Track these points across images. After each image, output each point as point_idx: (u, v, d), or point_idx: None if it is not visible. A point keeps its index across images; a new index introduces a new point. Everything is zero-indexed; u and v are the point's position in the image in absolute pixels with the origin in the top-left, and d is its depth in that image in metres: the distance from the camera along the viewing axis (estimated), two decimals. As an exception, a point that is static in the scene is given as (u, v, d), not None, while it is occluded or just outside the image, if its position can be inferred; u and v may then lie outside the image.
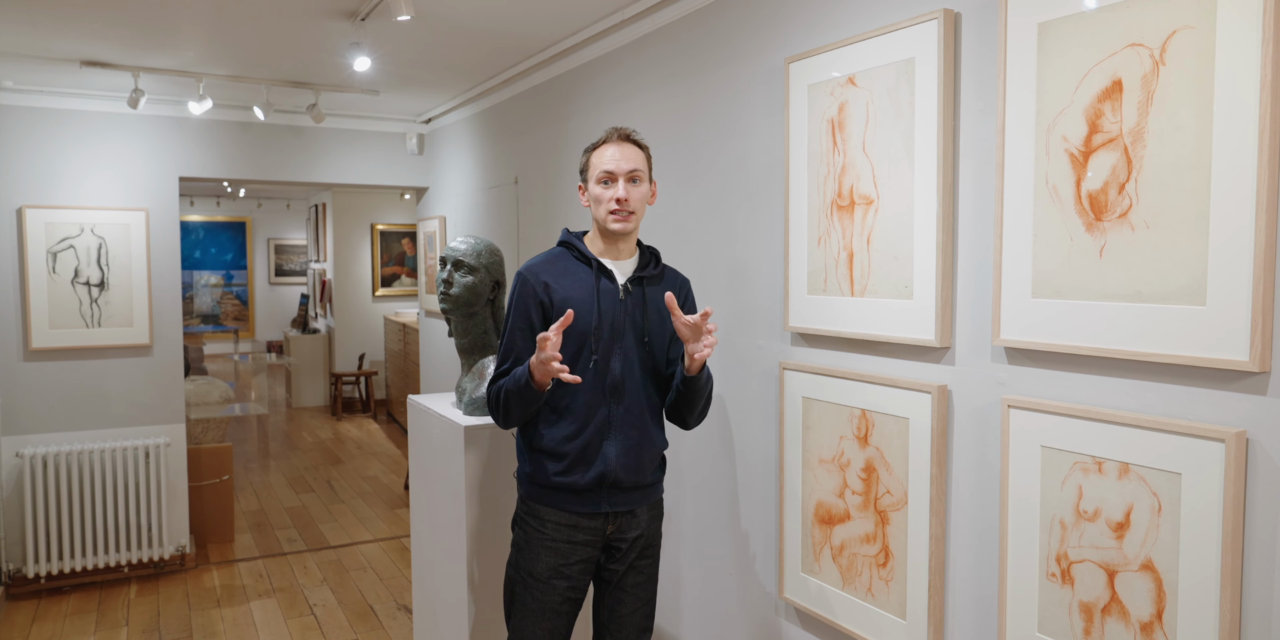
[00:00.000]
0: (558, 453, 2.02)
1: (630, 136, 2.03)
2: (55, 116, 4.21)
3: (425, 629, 2.89)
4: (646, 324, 2.07)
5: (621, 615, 2.14)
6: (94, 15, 3.00)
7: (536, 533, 2.06)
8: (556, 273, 2.04)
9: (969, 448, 1.77)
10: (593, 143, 2.06)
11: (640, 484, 2.08)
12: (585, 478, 2.00)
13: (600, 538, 2.07)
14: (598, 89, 3.20)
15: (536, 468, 2.05)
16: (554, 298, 2.00)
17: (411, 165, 5.17)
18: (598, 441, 2.01)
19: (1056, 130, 1.53)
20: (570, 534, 2.04)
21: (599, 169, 2.00)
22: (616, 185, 1.99)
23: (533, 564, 2.06)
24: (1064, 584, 1.56)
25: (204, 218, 12.82)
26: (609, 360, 2.01)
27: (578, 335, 1.99)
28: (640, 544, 2.12)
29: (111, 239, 4.32)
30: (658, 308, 2.09)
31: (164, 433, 4.49)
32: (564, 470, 2.01)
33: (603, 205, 2.00)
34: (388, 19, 2.90)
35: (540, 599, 2.05)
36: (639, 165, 2.01)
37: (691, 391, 2.03)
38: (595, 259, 2.04)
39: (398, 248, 9.76)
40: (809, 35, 2.15)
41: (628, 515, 2.08)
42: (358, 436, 8.09)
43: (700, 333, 1.91)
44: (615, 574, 2.12)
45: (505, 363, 2.05)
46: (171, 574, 4.49)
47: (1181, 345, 1.37)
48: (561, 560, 2.04)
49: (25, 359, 4.21)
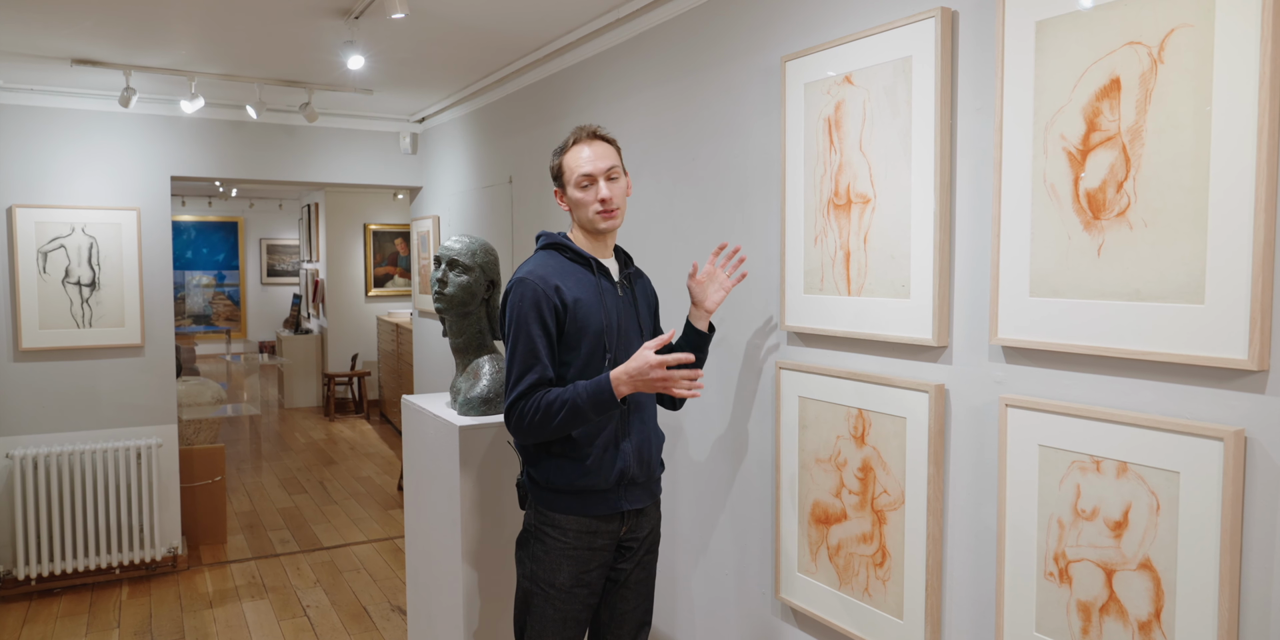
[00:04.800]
0: (580, 455, 1.99)
1: (598, 133, 2.03)
2: (46, 115, 4.18)
3: (420, 630, 2.88)
4: (640, 318, 2.12)
5: (624, 612, 2.13)
6: (85, 13, 2.98)
7: (557, 542, 2.02)
8: (561, 275, 2.00)
9: (966, 447, 1.77)
10: (560, 145, 2.05)
11: (651, 478, 2.11)
12: (609, 478, 2.00)
13: (615, 540, 2.07)
14: (593, 88, 3.19)
15: (555, 473, 2.00)
16: (567, 301, 1.96)
17: (405, 165, 5.15)
18: (615, 441, 2.01)
19: (1054, 129, 1.53)
20: (590, 541, 2.03)
21: (577, 173, 1.99)
22: (597, 186, 1.98)
23: (554, 575, 2.02)
24: (1062, 583, 1.55)
25: (196, 218, 12.76)
26: (619, 359, 2.01)
27: (593, 335, 1.98)
28: (649, 542, 2.14)
29: (103, 239, 4.30)
30: (645, 301, 2.18)
31: (156, 433, 4.47)
32: (587, 471, 1.99)
33: (588, 208, 2.00)
34: (381, 17, 2.88)
35: (562, 609, 2.03)
36: (614, 161, 2.01)
37: (701, 352, 2.18)
38: (594, 259, 2.04)
39: (390, 248, 9.73)
40: (805, 34, 2.15)
41: (640, 514, 2.10)
42: (351, 437, 8.07)
43: (714, 275, 2.16)
44: (624, 573, 2.11)
45: (530, 374, 1.93)
46: (163, 575, 4.47)
47: (1180, 344, 1.37)
48: (582, 568, 2.03)
49: (15, 359, 4.18)
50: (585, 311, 1.98)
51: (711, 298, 2.15)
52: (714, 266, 2.17)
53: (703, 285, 2.16)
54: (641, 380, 1.84)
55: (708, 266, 2.17)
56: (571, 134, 2.03)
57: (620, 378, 1.86)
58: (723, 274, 2.17)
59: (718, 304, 2.16)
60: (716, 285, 2.16)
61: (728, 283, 2.17)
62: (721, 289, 2.16)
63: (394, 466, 6.85)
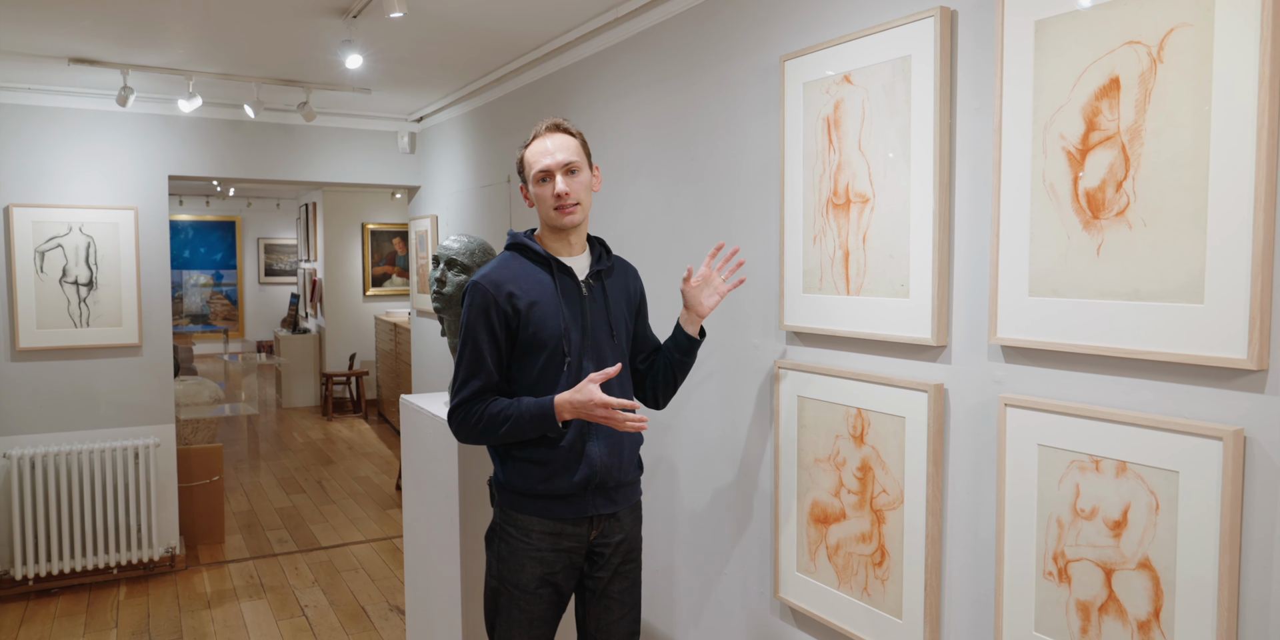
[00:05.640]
0: (540, 460, 1.95)
1: (560, 125, 1.99)
2: (43, 114, 4.18)
3: (418, 630, 2.87)
4: (611, 318, 2.04)
5: (609, 623, 2.08)
6: (83, 12, 2.97)
7: (520, 543, 1.99)
8: (516, 279, 1.95)
9: (965, 446, 1.77)
10: (525, 139, 2.01)
11: (623, 482, 2.05)
12: (572, 483, 1.95)
13: (584, 543, 2.02)
14: (591, 88, 3.19)
15: (517, 476, 1.98)
16: (519, 306, 1.92)
17: (403, 164, 5.15)
18: (581, 444, 1.96)
19: (1054, 128, 1.53)
20: (555, 542, 1.98)
21: (535, 168, 1.95)
22: (555, 181, 1.94)
23: (518, 575, 1.99)
24: (1061, 583, 1.55)
25: (193, 217, 12.75)
26: (583, 361, 1.97)
27: (551, 340, 1.94)
28: (624, 549, 2.08)
29: (100, 238, 4.29)
30: (618, 299, 2.08)
31: (153, 433, 4.46)
32: (548, 476, 1.95)
33: (546, 203, 1.96)
34: (380, 16, 2.88)
35: (527, 609, 2.00)
36: (573, 156, 1.95)
37: (689, 356, 2.11)
38: (553, 258, 1.99)
39: (388, 247, 9.72)
40: (804, 33, 2.14)
41: (611, 519, 2.04)
42: (349, 437, 8.06)
43: (710, 279, 2.07)
44: (600, 582, 2.06)
45: (474, 380, 1.94)
46: (161, 575, 4.46)
47: (1179, 343, 1.37)
48: (547, 569, 1.99)
49: (13, 359, 4.17)
50: (541, 316, 1.93)
51: (705, 303, 2.06)
52: (710, 270, 2.07)
53: (697, 290, 2.06)
54: (584, 413, 1.85)
55: (703, 270, 2.07)
56: (534, 127, 1.99)
57: (563, 405, 1.86)
58: (718, 278, 2.08)
59: (711, 309, 2.07)
60: (711, 290, 2.06)
61: (723, 287, 2.07)
62: (716, 294, 2.06)
63: (392, 466, 6.85)
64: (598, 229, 3.11)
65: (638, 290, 2.18)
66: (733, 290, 2.15)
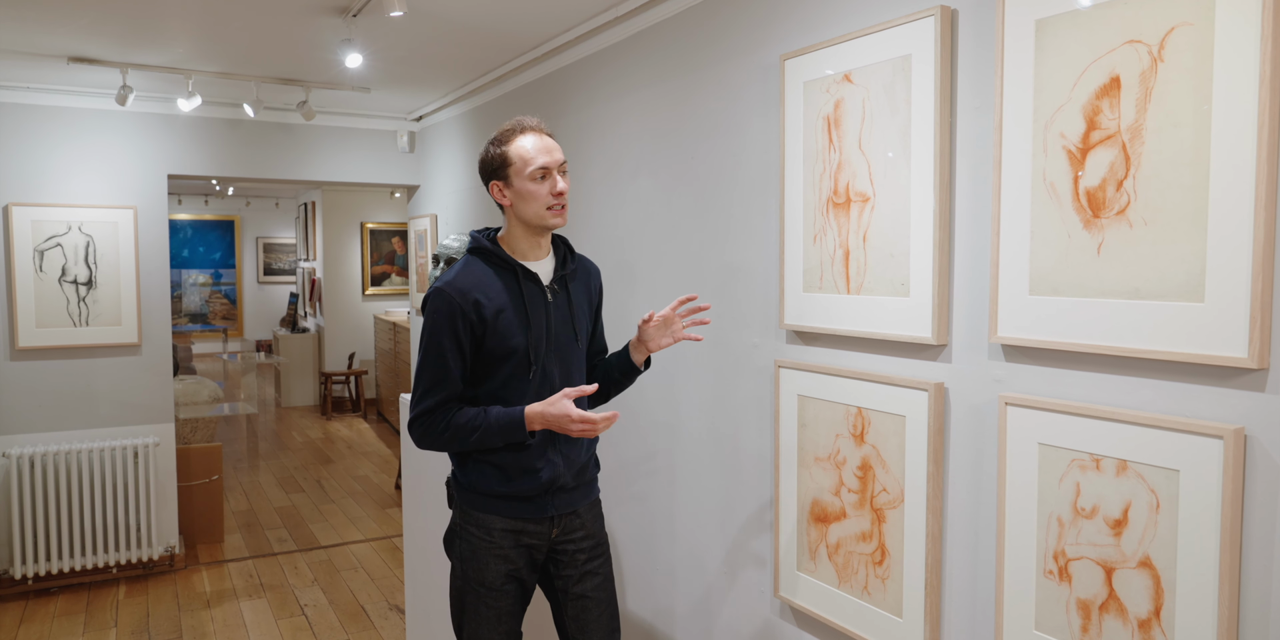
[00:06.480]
0: (502, 463, 1.96)
1: (543, 127, 1.98)
2: (42, 113, 4.17)
3: (418, 629, 2.87)
4: (575, 321, 2.04)
5: (588, 622, 2.07)
6: (82, 11, 2.97)
7: (483, 541, 1.98)
8: (481, 286, 1.92)
9: (966, 445, 1.77)
10: (499, 136, 1.95)
11: (582, 482, 2.07)
12: (534, 486, 1.96)
13: (546, 541, 2.03)
14: (590, 87, 3.19)
15: (479, 477, 1.97)
16: (485, 315, 1.90)
17: (402, 163, 5.15)
18: (541, 450, 1.97)
19: (1054, 127, 1.53)
20: (517, 539, 1.99)
21: (533, 165, 1.90)
22: (554, 178, 1.92)
23: (483, 573, 1.99)
24: (1061, 581, 1.56)
25: (192, 216, 12.74)
26: (547, 367, 1.98)
27: (517, 348, 1.93)
28: (588, 546, 2.08)
29: (99, 237, 4.29)
30: (580, 302, 2.08)
31: (153, 432, 4.46)
32: (509, 479, 1.96)
33: (540, 201, 1.91)
34: (379, 15, 2.88)
35: (494, 605, 2.00)
36: (565, 157, 1.96)
37: (628, 379, 2.12)
38: (519, 265, 1.96)
39: (388, 246, 9.72)
40: (805, 32, 2.14)
41: (572, 516, 2.05)
42: (348, 436, 8.06)
43: (671, 322, 2.04)
44: (570, 581, 2.06)
45: (438, 390, 1.91)
46: (160, 574, 4.46)
47: (1180, 342, 1.37)
48: (511, 566, 1.99)
49: (12, 358, 4.17)
50: (508, 324, 1.92)
51: (657, 341, 2.04)
52: (673, 314, 2.04)
53: (655, 329, 2.04)
54: (558, 427, 1.86)
55: (666, 312, 2.04)
56: (513, 124, 1.95)
57: (534, 418, 1.87)
58: (679, 324, 2.05)
59: (661, 348, 2.04)
60: (668, 333, 2.04)
61: (680, 333, 2.04)
62: (672, 337, 2.04)
63: (391, 465, 6.85)
64: (597, 229, 3.11)
65: (598, 288, 2.17)
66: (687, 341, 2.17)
